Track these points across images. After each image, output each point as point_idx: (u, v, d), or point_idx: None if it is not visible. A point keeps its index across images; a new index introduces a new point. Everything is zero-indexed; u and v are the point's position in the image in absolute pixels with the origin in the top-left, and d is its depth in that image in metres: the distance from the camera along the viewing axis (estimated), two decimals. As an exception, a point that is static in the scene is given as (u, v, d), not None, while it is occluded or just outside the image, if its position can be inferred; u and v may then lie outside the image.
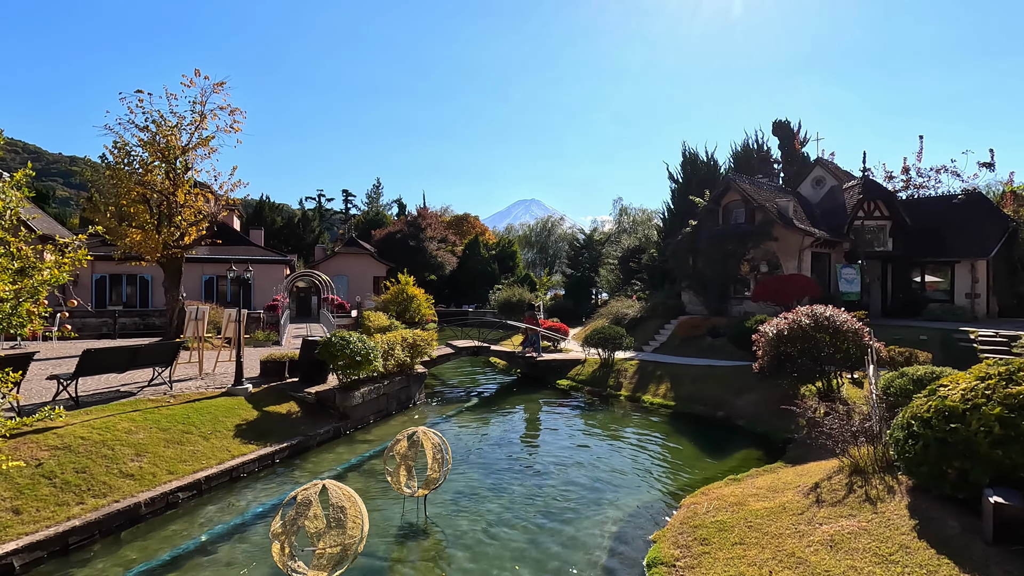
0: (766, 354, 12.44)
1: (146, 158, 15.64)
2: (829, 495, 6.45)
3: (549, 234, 73.14)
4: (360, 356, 11.78)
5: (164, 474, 8.01)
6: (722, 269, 21.87)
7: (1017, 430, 4.78)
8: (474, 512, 8.14)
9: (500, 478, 9.63)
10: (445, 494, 8.85)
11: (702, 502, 7.42)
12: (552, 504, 8.47)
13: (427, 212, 52.27)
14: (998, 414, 4.94)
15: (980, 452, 4.91)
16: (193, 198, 17.02)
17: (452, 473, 9.87)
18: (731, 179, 21.95)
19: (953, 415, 5.25)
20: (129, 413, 9.23)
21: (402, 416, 13.43)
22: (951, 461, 5.10)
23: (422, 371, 14.83)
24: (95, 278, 32.31)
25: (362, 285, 41.73)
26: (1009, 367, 5.41)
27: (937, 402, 5.47)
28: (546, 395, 16.52)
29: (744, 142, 32.97)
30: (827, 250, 21.57)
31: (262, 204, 63.67)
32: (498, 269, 50.94)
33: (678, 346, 19.55)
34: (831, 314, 11.84)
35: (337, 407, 11.72)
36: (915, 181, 26.51)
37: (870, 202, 21.35)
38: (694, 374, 15.69)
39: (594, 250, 41.77)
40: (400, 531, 7.35)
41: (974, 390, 5.33)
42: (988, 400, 5.13)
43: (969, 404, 5.21)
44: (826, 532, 5.60)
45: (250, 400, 11.03)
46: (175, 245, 16.60)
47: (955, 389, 5.51)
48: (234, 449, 9.22)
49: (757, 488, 7.63)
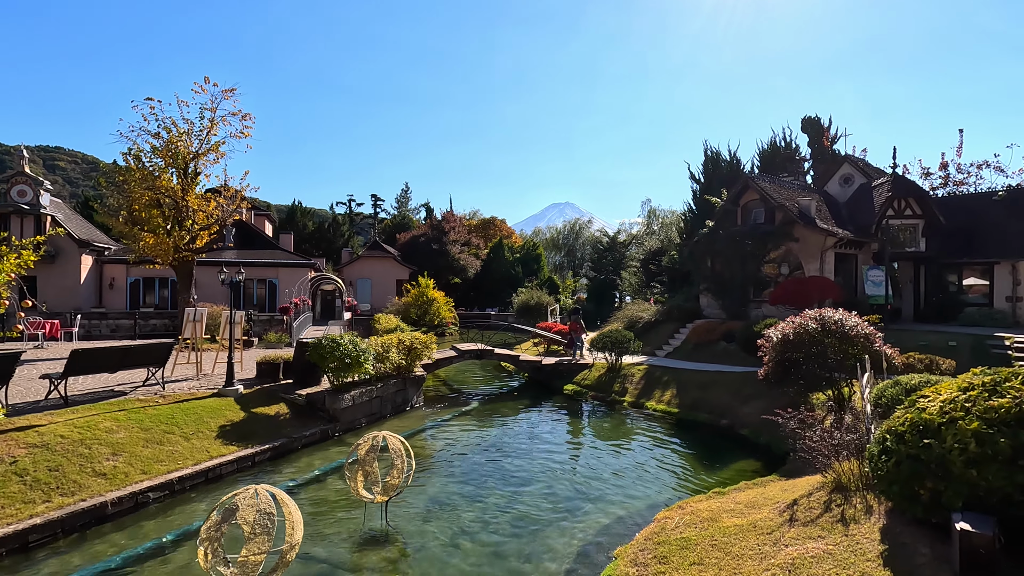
0: (771, 360, 11.82)
1: (159, 163, 16.10)
2: (804, 513, 5.95)
3: (577, 237, 72.40)
4: (350, 359, 11.74)
5: (137, 474, 8.08)
6: (740, 271, 21.07)
7: (995, 448, 4.25)
8: (444, 520, 7.92)
9: (480, 485, 9.38)
10: (419, 500, 8.68)
11: (674, 517, 6.99)
12: (524, 515, 8.17)
13: (451, 216, 52.46)
14: (975, 429, 4.41)
15: (954, 472, 4.39)
16: (204, 202, 17.43)
17: (431, 479, 9.71)
18: (749, 177, 21.13)
19: (928, 430, 4.72)
20: (114, 413, 9.39)
21: (397, 419, 13.33)
22: (924, 481, 4.58)
23: (420, 374, 14.71)
24: (129, 281, 33.60)
25: (385, 288, 42.17)
26: (995, 376, 4.84)
27: (913, 415, 4.95)
28: (549, 400, 16.17)
29: (771, 140, 31.85)
30: (853, 251, 20.50)
31: (294, 209, 65.23)
32: (522, 272, 50.69)
33: (691, 351, 18.88)
34: (840, 317, 11.15)
35: (327, 409, 11.70)
36: (954, 178, 25.03)
37: (900, 200, 20.18)
38: (702, 380, 15.07)
39: (617, 252, 41.12)
40: (361, 538, 7.19)
41: (954, 402, 4.79)
42: (967, 414, 4.60)
43: (947, 418, 4.68)
44: (789, 555, 5.14)
45: (239, 401, 11.11)
46: (186, 248, 17.01)
47: (935, 401, 4.98)
48: (213, 450, 9.26)
49: (736, 503, 7.14)
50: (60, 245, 30.39)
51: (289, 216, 64.24)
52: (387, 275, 43.15)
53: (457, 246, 47.20)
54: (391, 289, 42.20)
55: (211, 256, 35.70)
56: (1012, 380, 4.69)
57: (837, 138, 30.67)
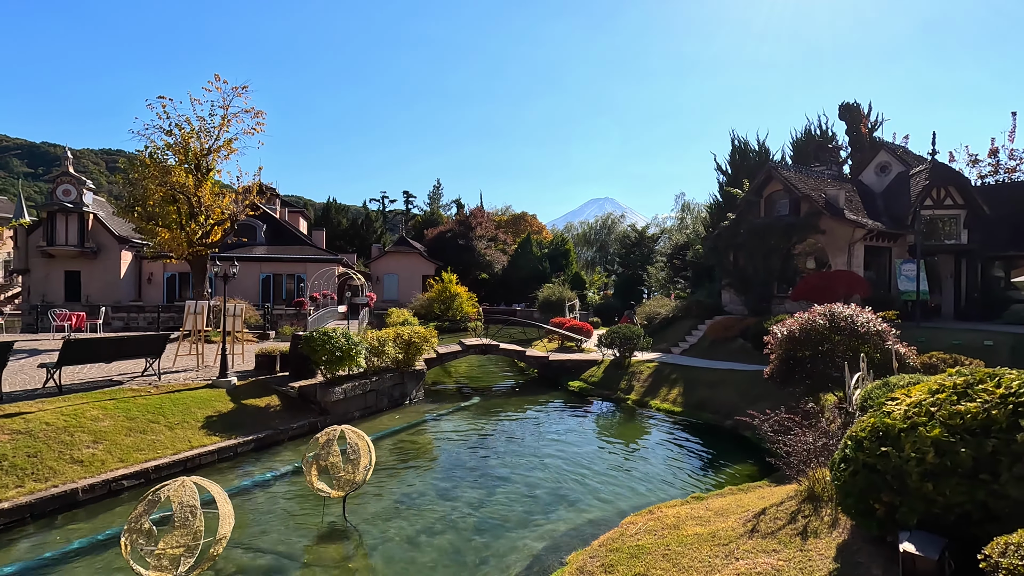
0: (777, 358, 11.16)
1: (173, 160, 16.53)
2: (768, 524, 5.47)
3: (609, 232, 71.23)
4: (341, 352, 11.72)
5: (114, 462, 8.22)
6: (763, 265, 20.10)
7: (955, 459, 3.71)
8: (411, 517, 7.74)
9: (458, 482, 9.17)
10: (393, 495, 8.55)
11: (639, 522, 6.59)
12: (495, 514, 7.91)
13: (478, 211, 52.45)
14: (936, 437, 3.87)
15: (910, 485, 3.87)
16: (219, 198, 17.80)
17: (411, 474, 9.56)
18: (772, 167, 20.11)
19: (888, 436, 4.20)
20: (104, 402, 9.62)
21: (393, 413, 13.26)
22: (879, 494, 4.07)
23: (420, 368, 14.61)
24: (166, 276, 34.97)
25: (412, 283, 42.53)
26: (969, 377, 4.27)
27: (876, 419, 4.42)
28: (553, 396, 15.81)
29: (806, 128, 30.36)
30: (887, 244, 19.24)
31: (329, 206, 66.63)
32: (550, 268, 50.21)
33: (707, 348, 18.14)
34: (850, 313, 10.40)
35: (318, 402, 11.72)
36: (1006, 164, 23.21)
37: (939, 188, 18.79)
38: (711, 379, 14.41)
39: (645, 247, 40.15)
40: (319, 533, 7.08)
41: (919, 406, 4.25)
42: (930, 419, 4.06)
43: (908, 423, 4.15)
44: (737, 570, 4.69)
45: (231, 393, 11.24)
46: (200, 243, 17.43)
47: (902, 404, 4.43)
48: (195, 440, 9.37)
49: (708, 510, 6.67)
50: (102, 241, 31.91)
51: (324, 213, 65.65)
52: (413, 270, 43.52)
53: (483, 242, 47.12)
54: (417, 284, 42.51)
55: (243, 251, 36.86)
56: (987, 382, 4.12)
57: (877, 125, 28.95)
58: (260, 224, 38.31)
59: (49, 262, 31.39)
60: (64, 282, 31.85)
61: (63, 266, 31.71)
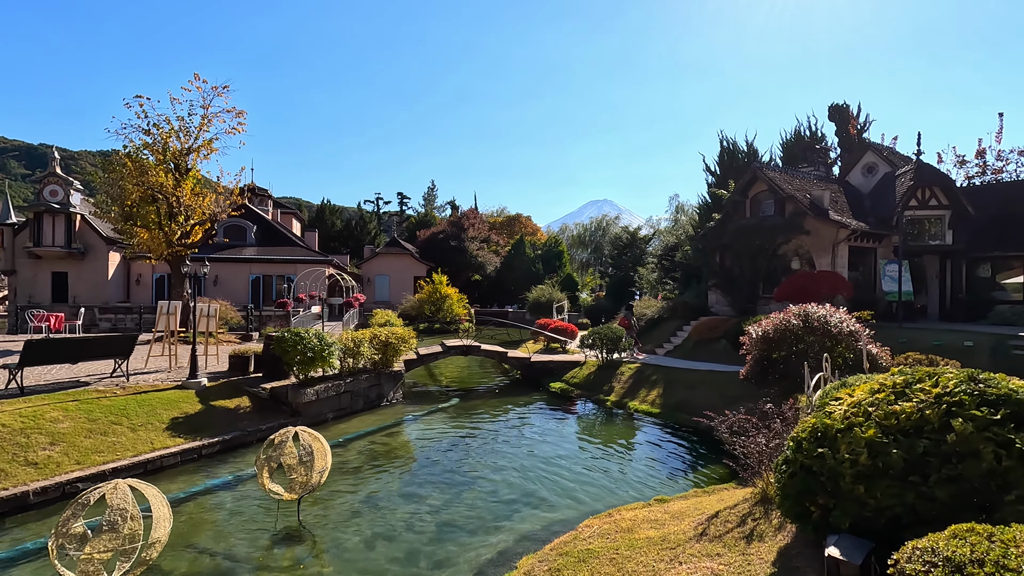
0: (752, 358, 11.07)
1: (150, 159, 16.40)
2: (718, 527, 5.36)
3: (604, 233, 71.16)
4: (313, 353, 11.59)
5: (70, 464, 8.08)
6: (749, 266, 20.02)
7: (887, 461, 3.60)
8: (369, 520, 7.62)
9: (425, 483, 9.05)
10: (355, 497, 8.42)
11: (595, 525, 6.47)
12: (457, 517, 7.78)
13: (470, 213, 52.36)
14: (870, 438, 3.76)
15: (843, 487, 3.76)
16: (198, 198, 17.66)
17: (378, 475, 9.44)
18: (757, 167, 20.03)
19: (826, 437, 4.09)
20: (66, 403, 9.48)
21: (369, 414, 13.13)
22: (815, 496, 3.96)
23: (398, 369, 14.48)
24: (155, 277, 34.80)
25: (403, 285, 42.38)
26: (908, 377, 4.16)
27: (817, 420, 4.31)
28: (533, 398, 15.69)
29: (796, 129, 30.32)
30: (872, 244, 19.16)
31: (323, 207, 66.51)
32: (543, 269, 50.11)
33: (691, 349, 18.03)
34: (823, 314, 10.31)
35: (290, 403, 11.59)
36: (993, 165, 23.17)
37: (924, 189, 18.72)
38: (691, 380, 14.31)
39: (637, 248, 40.07)
40: (272, 536, 6.95)
41: (859, 405, 4.14)
42: (867, 419, 3.95)
43: (846, 424, 4.04)
44: (678, 574, 4.57)
45: (200, 394, 11.11)
46: (179, 244, 17.29)
47: (844, 404, 4.33)
48: (158, 442, 9.23)
49: (667, 512, 6.56)
50: (89, 242, 31.74)
51: (319, 214, 65.51)
52: (405, 272, 43.39)
53: (476, 243, 47.01)
54: (408, 286, 42.36)
55: (233, 252, 36.75)
56: (925, 381, 4.01)
57: (866, 126, 28.92)
58: (251, 225, 38.19)
59: (36, 263, 31.21)
60: (51, 283, 31.68)
61: (50, 267, 31.54)
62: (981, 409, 3.54)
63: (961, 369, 4.07)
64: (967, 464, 3.35)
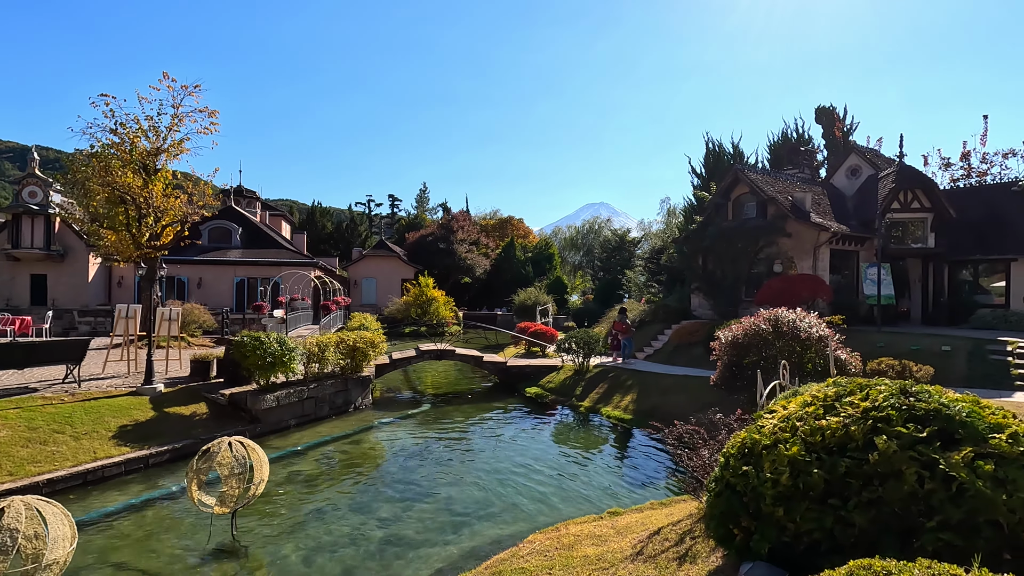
0: (723, 364, 10.82)
1: (116, 158, 16.01)
2: (657, 546, 5.08)
3: (596, 236, 71.01)
4: (273, 358, 11.28)
5: (2, 475, 7.75)
6: (731, 269, 19.79)
7: (807, 482, 3.33)
8: (312, 534, 7.31)
9: (377, 495, 8.75)
10: (302, 509, 8.11)
11: (538, 541, 6.18)
12: (405, 530, 7.48)
13: (459, 215, 52.08)
14: (793, 456, 3.49)
15: (764, 509, 3.48)
16: (170, 199, 17.25)
17: (330, 485, 9.13)
18: (738, 169, 19.82)
19: (753, 454, 3.82)
20: (8, 410, 9.15)
21: (335, 421, 12.81)
22: (738, 517, 3.68)
23: (367, 374, 14.16)
24: (137, 279, 34.32)
25: (390, 287, 42.06)
26: (841, 389, 3.89)
27: (747, 434, 4.04)
28: (508, 403, 15.40)
29: (783, 131, 30.17)
30: (854, 247, 18.96)
31: (314, 210, 66.18)
32: (533, 272, 49.88)
33: (670, 353, 17.78)
34: (793, 318, 10.06)
35: (248, 410, 11.27)
36: (978, 168, 23.05)
37: (906, 191, 18.53)
38: (666, 385, 14.05)
39: (626, 251, 39.86)
40: (203, 553, 6.64)
41: (788, 420, 3.87)
42: (793, 435, 3.67)
43: (772, 439, 3.77)
44: (603, 598, 4.29)
45: (155, 400, 10.78)
46: (148, 246, 16.90)
47: (776, 417, 4.05)
48: (101, 451, 8.90)
49: (615, 528, 6.27)
50: (69, 244, 31.28)
51: (309, 216, 65.19)
52: (392, 274, 43.06)
53: (465, 245, 46.72)
54: (396, 288, 42.04)
55: (217, 255, 36.37)
56: (855, 394, 3.74)
57: (852, 128, 28.79)
58: (236, 227, 37.82)
59: (14, 265, 30.74)
60: (30, 286, 31.23)
61: (29, 269, 31.07)
62: (908, 426, 3.27)
63: (894, 381, 3.80)
64: (888, 486, 3.08)
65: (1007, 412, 3.62)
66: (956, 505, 2.90)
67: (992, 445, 3.09)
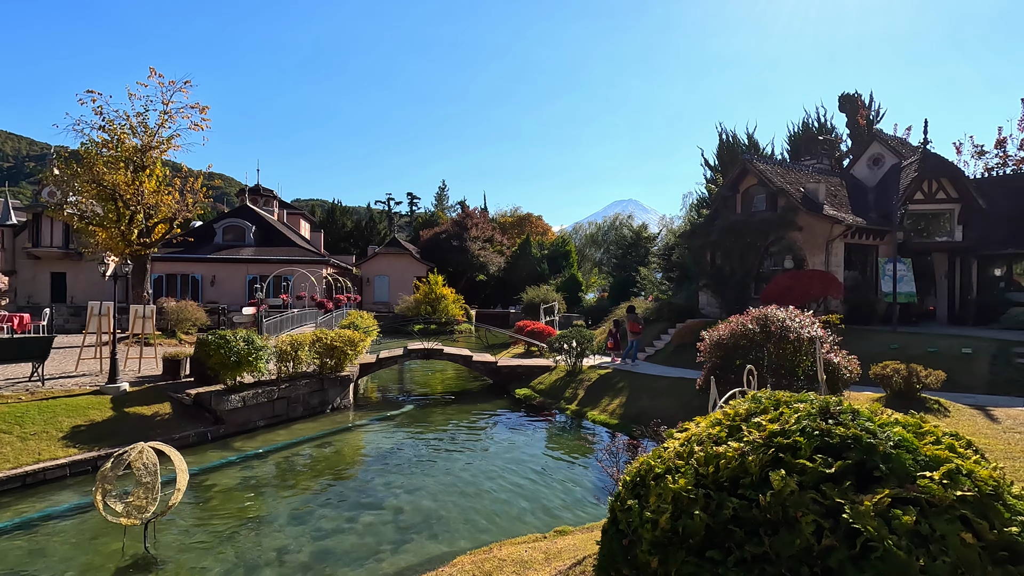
0: (709, 367, 9.99)
1: (104, 155, 16.01)
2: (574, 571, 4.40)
3: (617, 232, 69.62)
4: (236, 357, 10.91)
5: (-66, 477, 7.51)
6: (740, 265, 18.76)
7: (688, 526, 2.62)
8: (240, 547, 6.85)
9: (325, 504, 8.26)
10: (241, 518, 7.66)
11: (462, 563, 5.57)
12: (336, 546, 6.95)
13: (473, 212, 51.62)
14: (679, 491, 2.78)
15: (639, 558, 2.79)
16: (162, 196, 17.21)
17: (279, 492, 8.66)
18: (747, 159, 18.72)
19: (644, 484, 3.12)
20: (-42, 409, 8.96)
21: (309, 422, 12.40)
22: (619, 564, 2.99)
23: (347, 374, 13.73)
24: (153, 277, 34.91)
25: (403, 285, 41.86)
26: (755, 405, 3.16)
27: (646, 459, 3.34)
28: (496, 404, 14.78)
29: (803, 120, 28.72)
30: (872, 241, 17.69)
31: (334, 208, 66.75)
32: (548, 269, 49.10)
33: (671, 354, 16.88)
34: (784, 317, 9.17)
35: (213, 410, 10.93)
36: (1015, 156, 21.36)
37: (930, 181, 17.19)
38: (658, 388, 13.21)
39: (642, 248, 38.72)
40: (115, 566, 6.22)
41: (688, 443, 3.15)
42: (686, 463, 2.96)
43: (666, 467, 3.06)
44: (483, 647, 3.65)
45: (117, 400, 10.52)
46: (139, 243, 16.89)
47: (683, 437, 3.34)
48: (47, 452, 8.63)
49: (547, 551, 5.61)
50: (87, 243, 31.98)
51: (329, 215, 65.79)
52: (405, 272, 42.88)
53: (478, 243, 46.23)
54: (408, 286, 41.80)
55: (230, 253, 36.75)
56: (768, 413, 3.01)
57: (879, 117, 27.18)
58: (249, 226, 38.16)
59: (35, 264, 31.59)
60: (50, 284, 32.04)
61: (49, 268, 31.90)
62: (817, 457, 2.53)
63: (819, 398, 3.04)
64: (778, 539, 2.36)
65: (967, 441, 2.84)
66: (859, 570, 2.17)
67: (920, 487, 2.33)
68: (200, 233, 38.46)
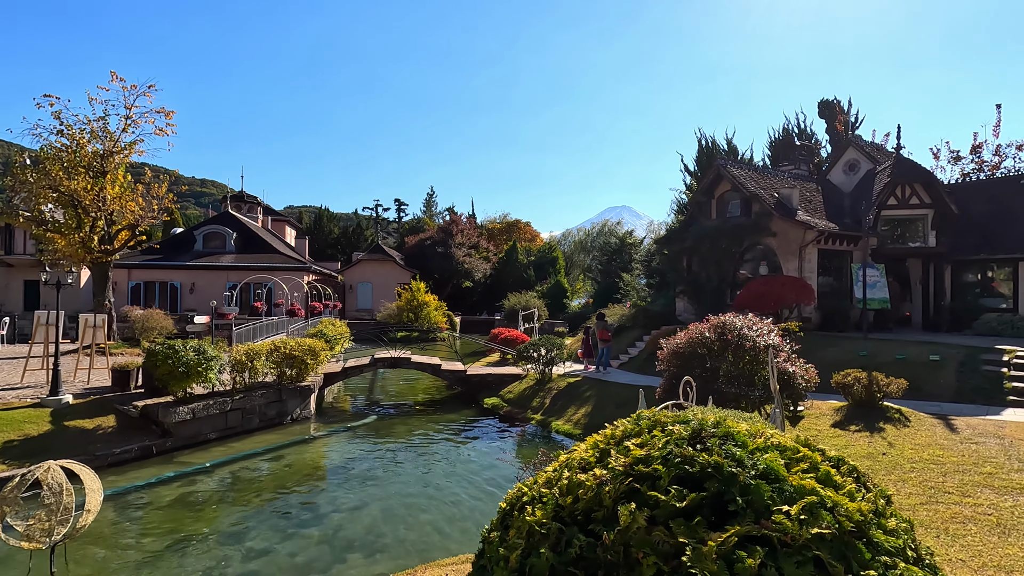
0: (667, 376, 9.74)
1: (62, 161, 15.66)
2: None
3: (605, 238, 69.57)
4: (185, 367, 10.56)
5: None
6: (716, 271, 18.59)
7: (534, 566, 2.34)
8: (162, 571, 6.51)
9: (262, 521, 7.95)
10: (169, 538, 7.30)
11: (377, 590, 5.25)
12: (264, 568, 6.68)
13: (458, 219, 51.40)
14: (534, 523, 2.50)
15: (490, 599, 2.51)
16: (126, 201, 16.85)
17: (216, 509, 8.32)
18: (720, 165, 18.59)
19: (510, 512, 2.84)
20: None
21: (265, 434, 12.04)
22: (481, 603, 2.71)
23: (307, 384, 13.38)
24: (131, 285, 34.44)
25: (386, 292, 41.48)
26: (631, 428, 2.89)
27: (520, 485, 3.06)
28: (462, 415, 14.46)
29: (784, 127, 28.72)
30: (847, 247, 17.55)
31: (321, 215, 66.33)
32: (535, 275, 48.91)
33: (644, 362, 16.61)
34: (741, 325, 8.93)
35: (161, 423, 10.57)
36: (990, 161, 21.37)
37: (904, 186, 17.10)
38: (625, 397, 12.92)
39: (626, 254, 38.59)
40: (18, 592, 5.87)
41: (562, 467, 2.89)
42: (550, 490, 2.69)
43: (528, 496, 2.79)
44: None
45: (57, 412, 10.14)
46: (100, 250, 16.51)
47: (565, 457, 3.07)
48: (-29, 470, 8.24)
49: (470, 575, 5.30)
50: (61, 250, 31.47)
51: (316, 221, 65.38)
52: (388, 278, 42.51)
53: (463, 249, 45.96)
54: (392, 293, 41.42)
55: (210, 260, 36.29)
56: (642, 435, 2.74)
57: (858, 123, 27.21)
58: (230, 232, 37.70)
59: (8, 271, 31.02)
60: (23, 291, 31.47)
61: (22, 275, 31.32)
62: (671, 488, 2.27)
63: (700, 419, 2.77)
64: (616, 584, 2.09)
65: (850, 467, 2.59)
66: (693, 623, 1.90)
67: (775, 523, 2.07)
68: (180, 240, 38.00)
